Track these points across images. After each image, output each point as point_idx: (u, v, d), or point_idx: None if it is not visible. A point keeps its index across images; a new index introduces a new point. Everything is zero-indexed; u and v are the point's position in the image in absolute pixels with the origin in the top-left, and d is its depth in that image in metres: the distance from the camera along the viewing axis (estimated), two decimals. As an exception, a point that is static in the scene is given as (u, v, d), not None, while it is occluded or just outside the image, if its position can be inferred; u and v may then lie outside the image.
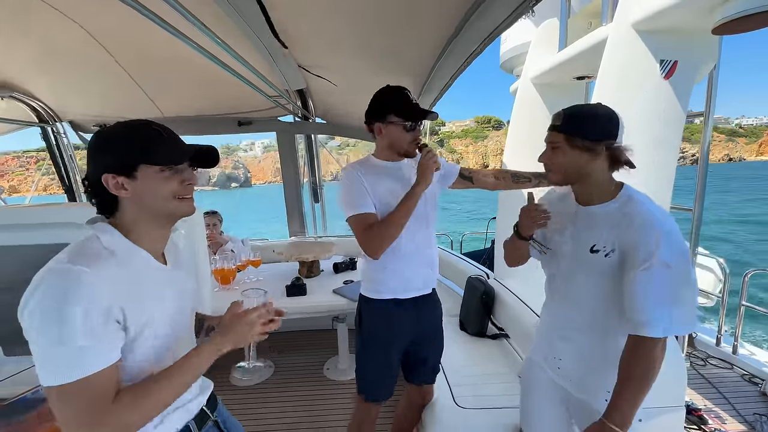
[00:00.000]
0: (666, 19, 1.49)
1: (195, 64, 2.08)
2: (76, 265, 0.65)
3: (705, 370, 2.84)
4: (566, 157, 1.00)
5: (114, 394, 0.66)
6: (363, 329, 1.47)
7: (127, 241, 0.74)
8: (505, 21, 1.26)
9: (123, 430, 0.66)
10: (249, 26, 1.50)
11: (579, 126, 0.98)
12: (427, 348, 1.55)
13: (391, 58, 2.01)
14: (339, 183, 1.39)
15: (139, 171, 0.73)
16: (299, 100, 3.19)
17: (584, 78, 2.34)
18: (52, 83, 2.81)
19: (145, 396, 0.68)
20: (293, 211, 3.77)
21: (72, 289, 0.63)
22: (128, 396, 0.67)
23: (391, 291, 1.41)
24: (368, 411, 1.52)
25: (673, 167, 1.66)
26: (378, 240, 1.29)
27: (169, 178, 0.76)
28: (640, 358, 0.92)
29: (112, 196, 0.74)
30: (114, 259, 0.70)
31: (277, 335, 3.14)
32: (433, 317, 1.54)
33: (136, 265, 0.75)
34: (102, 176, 0.71)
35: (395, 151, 1.36)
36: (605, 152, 0.96)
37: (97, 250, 0.70)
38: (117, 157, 0.72)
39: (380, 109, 1.33)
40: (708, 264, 3.41)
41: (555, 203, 1.17)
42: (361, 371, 1.49)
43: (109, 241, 0.72)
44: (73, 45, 2.04)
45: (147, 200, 0.74)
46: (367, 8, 1.46)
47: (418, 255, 1.42)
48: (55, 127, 3.45)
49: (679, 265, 0.89)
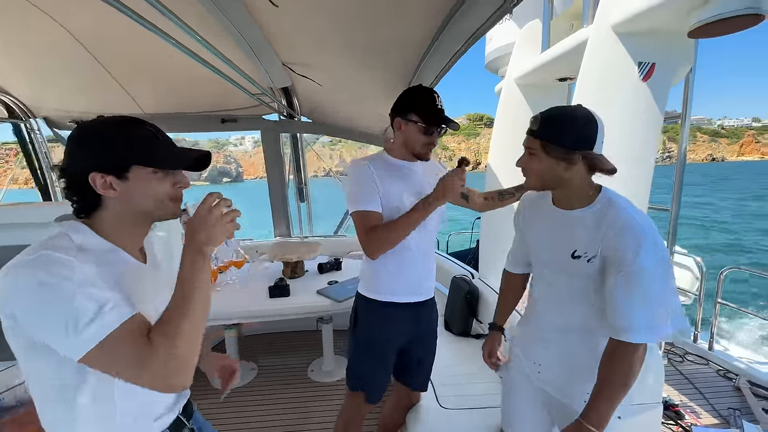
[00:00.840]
0: (644, 21, 1.52)
1: (176, 61, 2.02)
2: (50, 251, 0.61)
3: (682, 366, 2.92)
4: (542, 164, 0.98)
5: (147, 336, 0.64)
6: (359, 329, 1.45)
7: (103, 240, 0.71)
8: (488, 20, 1.26)
9: (171, 361, 0.63)
10: (231, 23, 1.47)
11: (555, 132, 0.95)
12: (423, 351, 1.55)
13: (375, 57, 2.00)
14: (347, 175, 1.36)
15: (132, 172, 0.69)
16: (284, 99, 3.15)
17: (566, 80, 2.37)
18: (26, 79, 2.71)
19: (173, 323, 0.65)
20: (278, 210, 3.73)
21: (57, 267, 0.60)
22: (157, 330, 0.64)
23: (392, 294, 1.39)
24: (358, 409, 1.50)
25: (651, 167, 1.69)
26: (378, 243, 1.27)
27: (162, 180, 0.73)
28: (620, 362, 0.92)
29: (95, 196, 0.70)
30: (87, 256, 0.66)
31: (260, 337, 3.13)
32: (431, 322, 1.54)
33: (113, 263, 0.71)
34: (89, 175, 0.67)
35: (409, 149, 1.34)
36: (582, 160, 0.94)
37: (68, 246, 0.65)
38: (107, 156, 0.68)
39: (405, 106, 1.31)
40: (685, 263, 3.50)
41: (531, 205, 1.17)
42: (356, 371, 1.48)
43: (82, 240, 0.68)
44: (50, 41, 1.97)
45: (136, 201, 0.71)
46: (350, 5, 1.44)
47: (423, 261, 1.40)
48: (29, 123, 3.32)
49: (660, 270, 0.89)
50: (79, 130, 0.70)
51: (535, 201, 1.16)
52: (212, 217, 0.70)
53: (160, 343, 0.62)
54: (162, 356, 0.62)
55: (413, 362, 1.54)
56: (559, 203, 1.06)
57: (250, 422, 2.20)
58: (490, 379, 1.96)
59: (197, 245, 0.70)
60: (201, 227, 0.70)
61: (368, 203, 1.28)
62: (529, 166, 1.02)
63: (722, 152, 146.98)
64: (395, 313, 1.40)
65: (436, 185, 1.22)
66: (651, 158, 1.68)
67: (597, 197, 0.99)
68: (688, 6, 1.39)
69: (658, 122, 1.65)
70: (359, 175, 1.31)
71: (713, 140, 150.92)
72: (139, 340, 0.62)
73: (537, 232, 1.12)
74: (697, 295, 3.22)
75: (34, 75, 2.63)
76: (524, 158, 1.03)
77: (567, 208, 1.03)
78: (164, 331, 0.64)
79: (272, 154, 3.59)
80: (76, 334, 0.59)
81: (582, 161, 0.95)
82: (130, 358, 0.61)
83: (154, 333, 0.64)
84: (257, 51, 1.82)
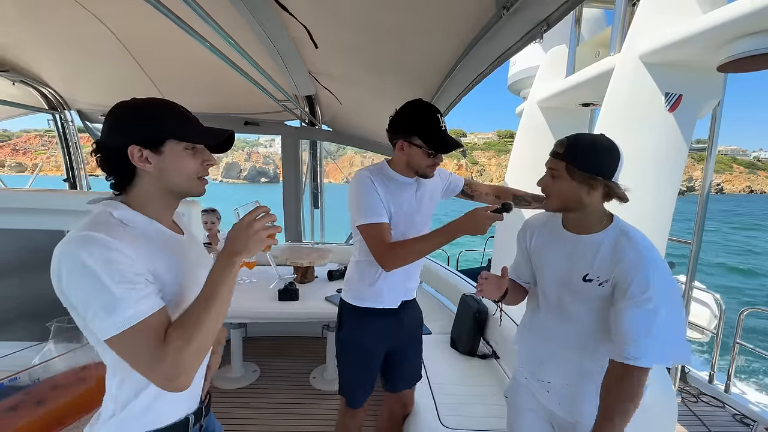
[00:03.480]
0: (673, 53, 1.52)
1: (206, 61, 2.10)
2: (95, 232, 0.65)
3: (696, 407, 2.79)
4: (565, 186, 1.01)
5: (164, 333, 0.67)
6: (343, 335, 1.47)
7: (141, 215, 0.75)
8: (516, 44, 1.27)
9: (179, 365, 0.65)
10: (264, 30, 1.52)
11: (580, 157, 0.99)
12: (407, 354, 1.55)
13: (399, 72, 2.03)
14: (350, 186, 1.35)
15: (166, 146, 0.73)
16: (307, 106, 3.22)
17: (589, 105, 2.36)
18: (64, 71, 2.84)
19: (191, 324, 0.68)
20: (291, 215, 3.77)
21: (97, 249, 0.63)
22: (176, 330, 0.67)
23: (375, 300, 1.41)
24: (353, 418, 1.50)
25: (674, 198, 1.66)
26: (400, 260, 1.26)
27: (193, 156, 0.77)
28: (628, 386, 0.93)
29: (130, 170, 0.74)
30: (130, 229, 0.71)
31: (266, 339, 3.13)
32: (414, 323, 1.56)
33: (153, 235, 0.75)
34: (128, 148, 0.71)
35: (412, 169, 1.33)
36: (602, 186, 0.98)
37: (111, 222, 0.70)
38: (145, 130, 0.72)
39: (406, 127, 1.27)
40: (704, 299, 3.39)
41: (542, 228, 1.17)
42: (341, 376, 1.50)
43: (123, 215, 0.72)
44: (90, 37, 2.07)
45: (168, 176, 0.75)
46: (382, 23, 1.48)
47: (411, 266, 1.40)
48: (63, 115, 3.47)
49: (670, 301, 0.92)
50: (118, 107, 0.74)
51: (545, 224, 1.17)
52: (253, 229, 0.73)
53: (173, 347, 0.65)
54: (170, 360, 0.65)
55: (398, 368, 1.54)
56: (570, 227, 1.08)
57: (247, 423, 2.20)
58: (494, 402, 1.92)
59: (230, 251, 0.73)
60: (241, 235, 0.73)
61: (378, 216, 1.28)
62: (552, 187, 1.04)
63: (761, 184, 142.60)
64: (379, 317, 1.42)
65: (468, 219, 1.16)
66: (674, 190, 1.65)
67: (609, 225, 1.02)
68: (718, 40, 1.38)
69: (683, 154, 1.63)
70: (362, 187, 1.29)
71: (751, 172, 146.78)
72: (155, 340, 0.65)
73: (548, 254, 1.13)
74: (715, 333, 3.11)
75: (71, 69, 2.76)
76: (546, 179, 1.06)
77: (579, 233, 1.06)
78: (179, 335, 0.67)
79: (291, 159, 3.65)
80: (105, 317, 0.63)
81: (601, 188, 0.98)
82: (143, 355, 0.65)
83: (172, 333, 0.67)
84: (286, 58, 1.87)
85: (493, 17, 1.18)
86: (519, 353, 1.27)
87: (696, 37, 1.40)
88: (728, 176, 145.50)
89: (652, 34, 1.55)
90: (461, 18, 1.29)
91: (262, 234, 0.74)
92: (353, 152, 11.43)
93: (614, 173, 0.98)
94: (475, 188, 1.59)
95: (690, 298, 2.07)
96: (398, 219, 1.33)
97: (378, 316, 1.42)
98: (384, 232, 1.28)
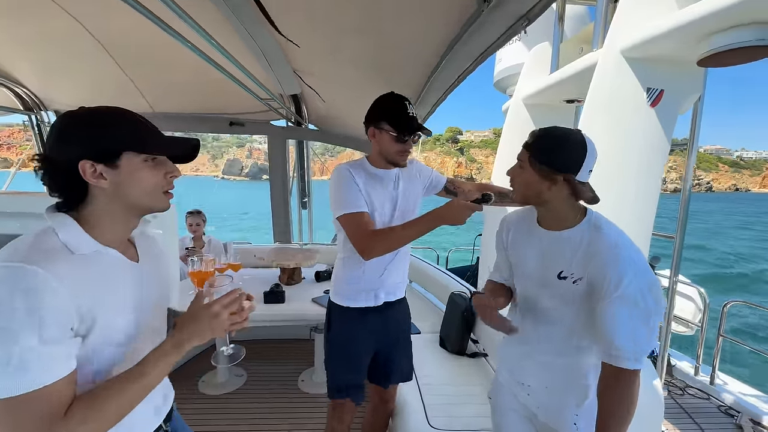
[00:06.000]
0: (653, 48, 1.52)
1: (188, 61, 2.05)
2: (29, 264, 0.57)
3: (682, 399, 2.83)
4: (527, 177, 0.99)
5: (66, 408, 0.58)
6: (332, 335, 1.46)
7: (91, 239, 0.66)
8: (499, 39, 1.26)
9: None
10: (245, 28, 1.49)
11: (543, 151, 0.96)
12: (396, 352, 1.54)
13: (383, 71, 2.01)
14: (330, 180, 1.37)
15: (123, 159, 0.66)
16: (293, 106, 3.18)
17: (574, 101, 2.37)
18: (40, 71, 2.75)
19: (98, 408, 0.60)
20: (279, 216, 3.72)
21: (22, 291, 0.55)
22: (80, 409, 0.59)
23: (364, 299, 1.41)
24: (341, 423, 1.47)
25: (656, 193, 1.67)
26: (381, 248, 1.25)
27: (153, 169, 0.70)
28: (623, 391, 0.90)
29: (82, 187, 0.66)
30: (74, 258, 0.63)
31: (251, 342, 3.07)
32: (403, 322, 1.55)
33: (101, 265, 0.67)
34: (79, 163, 0.64)
35: (383, 157, 1.36)
36: (564, 182, 0.95)
37: (53, 247, 0.62)
38: (97, 143, 0.64)
39: (376, 115, 1.32)
40: (688, 293, 3.44)
41: (517, 224, 1.16)
42: (330, 377, 1.48)
43: (69, 239, 0.64)
44: (65, 35, 2.00)
45: (126, 192, 0.68)
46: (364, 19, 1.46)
47: (396, 262, 1.41)
48: (40, 116, 3.36)
49: (649, 295, 0.88)
50: (65, 115, 0.66)
51: (520, 221, 1.15)
52: (218, 320, 0.71)
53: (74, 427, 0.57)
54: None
55: (387, 365, 1.53)
56: (544, 224, 1.06)
57: (234, 430, 2.14)
58: (483, 401, 1.90)
59: (184, 338, 0.69)
60: (203, 320, 0.70)
61: (357, 206, 1.29)
62: (516, 178, 1.03)
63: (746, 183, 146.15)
64: (367, 316, 1.41)
65: (447, 209, 1.17)
66: (656, 185, 1.66)
67: (582, 220, 0.99)
68: (698, 34, 1.39)
69: (665, 149, 1.64)
70: (342, 179, 1.31)
71: (736, 170, 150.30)
72: (47, 416, 0.56)
73: (523, 251, 1.11)
74: (700, 326, 3.15)
75: (47, 68, 2.67)
76: (514, 168, 1.04)
77: (552, 229, 1.03)
78: (84, 417, 0.58)
79: (277, 159, 3.60)
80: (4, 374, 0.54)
81: (564, 184, 0.95)
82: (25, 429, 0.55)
83: (76, 412, 0.59)
84: (269, 56, 1.84)
85: (475, 12, 1.17)
86: (498, 354, 1.25)
87: (675, 31, 1.41)
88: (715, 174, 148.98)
89: (633, 30, 1.56)
90: (443, 13, 1.28)
91: (226, 324, 0.72)
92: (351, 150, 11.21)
93: (578, 171, 0.93)
94: (458, 185, 1.58)
95: (674, 293, 2.09)
96: (381, 211, 1.34)
97: (367, 315, 1.42)
98: (364, 221, 1.28)
